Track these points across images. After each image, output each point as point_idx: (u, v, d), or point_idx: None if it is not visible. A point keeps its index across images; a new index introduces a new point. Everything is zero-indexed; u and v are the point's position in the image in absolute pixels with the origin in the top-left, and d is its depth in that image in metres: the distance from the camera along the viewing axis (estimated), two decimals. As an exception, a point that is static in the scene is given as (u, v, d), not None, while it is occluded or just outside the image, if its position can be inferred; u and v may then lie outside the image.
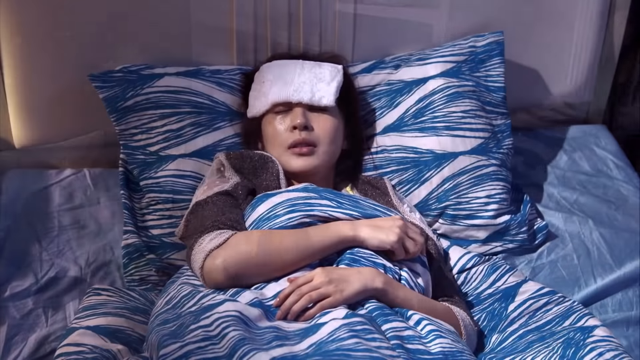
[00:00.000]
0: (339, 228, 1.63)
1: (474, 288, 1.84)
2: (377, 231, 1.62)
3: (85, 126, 2.08)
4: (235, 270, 1.57)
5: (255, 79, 1.93)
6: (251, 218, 1.68)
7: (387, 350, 1.42)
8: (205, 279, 1.59)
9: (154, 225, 1.91)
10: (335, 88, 1.86)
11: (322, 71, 1.88)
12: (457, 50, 2.08)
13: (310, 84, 1.84)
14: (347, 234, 1.62)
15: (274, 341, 1.41)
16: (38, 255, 1.88)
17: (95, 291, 1.75)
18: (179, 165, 1.92)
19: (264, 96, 1.87)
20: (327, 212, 1.67)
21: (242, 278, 1.57)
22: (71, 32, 1.99)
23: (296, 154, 1.80)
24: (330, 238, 1.62)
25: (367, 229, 1.63)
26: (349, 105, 1.94)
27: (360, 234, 1.62)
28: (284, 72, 1.87)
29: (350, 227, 1.63)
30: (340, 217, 1.67)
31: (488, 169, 1.97)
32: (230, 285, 1.57)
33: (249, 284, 1.58)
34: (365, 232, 1.62)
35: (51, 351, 1.67)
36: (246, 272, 1.57)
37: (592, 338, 1.58)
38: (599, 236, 2.00)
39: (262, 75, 1.91)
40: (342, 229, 1.63)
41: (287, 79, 1.86)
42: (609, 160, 2.23)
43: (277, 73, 1.88)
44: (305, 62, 1.90)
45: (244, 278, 1.57)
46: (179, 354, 1.39)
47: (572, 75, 2.29)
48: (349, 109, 1.93)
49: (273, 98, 1.85)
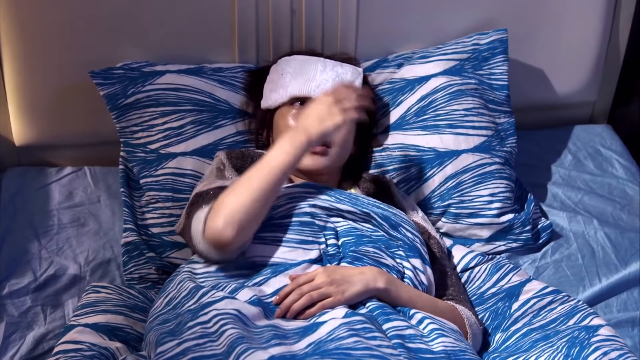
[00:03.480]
0: (292, 139, 1.61)
1: (477, 287, 1.83)
2: (322, 122, 1.61)
3: (85, 124, 2.07)
4: (234, 223, 1.53)
5: (272, 71, 1.92)
6: None
7: (388, 349, 1.40)
8: (212, 245, 1.56)
9: (154, 224, 1.89)
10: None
11: (344, 71, 1.86)
12: (460, 48, 2.07)
13: (332, 82, 1.83)
14: (301, 138, 1.61)
15: (273, 339, 1.40)
16: (37, 253, 1.87)
17: (94, 289, 1.74)
18: (179, 163, 1.90)
19: (282, 88, 1.85)
20: (328, 202, 1.66)
21: (244, 227, 1.55)
22: (72, 29, 1.98)
23: (309, 152, 1.79)
24: (286, 148, 1.60)
25: (314, 124, 1.62)
26: (368, 113, 1.91)
27: (310, 131, 1.61)
28: (305, 67, 1.86)
29: (300, 130, 1.62)
30: (341, 208, 1.66)
31: (491, 167, 1.95)
32: (238, 241, 1.54)
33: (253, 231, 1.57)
34: (314, 128, 1.61)
35: (49, 349, 1.66)
36: (242, 218, 1.54)
37: (596, 337, 1.56)
38: (603, 236, 1.98)
39: (282, 68, 1.89)
40: (296, 137, 1.61)
41: (310, 74, 1.84)
42: (614, 159, 2.22)
43: (299, 68, 1.87)
44: (327, 60, 1.89)
45: (245, 225, 1.55)
46: (176, 351, 1.37)
47: (576, 74, 2.27)
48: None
49: (293, 91, 1.83)
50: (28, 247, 1.88)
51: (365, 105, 1.67)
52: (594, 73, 2.28)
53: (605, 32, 2.24)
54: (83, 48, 2.00)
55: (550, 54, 2.22)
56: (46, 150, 2.10)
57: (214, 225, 1.55)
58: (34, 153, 2.10)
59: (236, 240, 1.55)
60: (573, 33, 2.22)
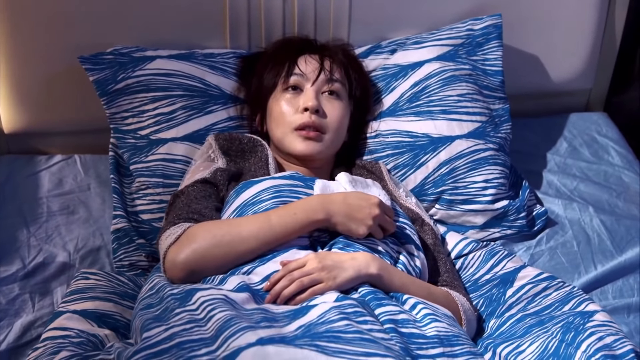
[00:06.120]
0: (308, 213, 1.56)
1: (471, 274, 1.80)
2: (349, 221, 1.57)
3: (75, 111, 2.05)
4: (192, 267, 1.53)
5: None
6: (235, 204, 1.64)
7: (380, 333, 1.38)
8: (167, 277, 1.55)
9: (144, 210, 1.87)
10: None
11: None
12: (454, 34, 2.05)
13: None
14: (318, 217, 1.56)
15: (262, 322, 1.37)
16: (26, 241, 1.84)
17: (83, 275, 1.72)
18: (170, 149, 1.88)
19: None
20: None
21: (202, 272, 1.54)
22: (61, 14, 1.95)
23: (303, 137, 1.77)
24: (300, 223, 1.56)
25: (339, 218, 1.57)
26: (362, 100, 1.91)
27: (332, 220, 1.57)
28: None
29: (322, 208, 1.57)
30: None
31: (485, 153, 1.93)
32: (193, 280, 1.53)
33: (211, 275, 1.54)
34: (337, 219, 1.57)
35: (37, 336, 1.63)
36: (204, 266, 1.53)
37: (592, 322, 1.54)
38: (599, 223, 1.96)
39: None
40: (314, 214, 1.56)
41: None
42: (610, 147, 2.20)
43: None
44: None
45: (204, 272, 1.54)
46: (163, 336, 1.35)
47: (572, 61, 2.25)
48: (360, 104, 1.91)
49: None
50: (17, 234, 1.85)
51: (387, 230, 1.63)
52: (589, 60, 2.26)
53: (601, 19, 2.22)
54: (73, 34, 1.98)
55: (545, 41, 2.20)
56: (36, 137, 2.07)
57: (174, 257, 1.54)
58: (24, 141, 2.07)
59: (186, 280, 1.53)
60: (568, 19, 2.20)
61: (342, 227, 1.58)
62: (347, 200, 1.59)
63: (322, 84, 1.82)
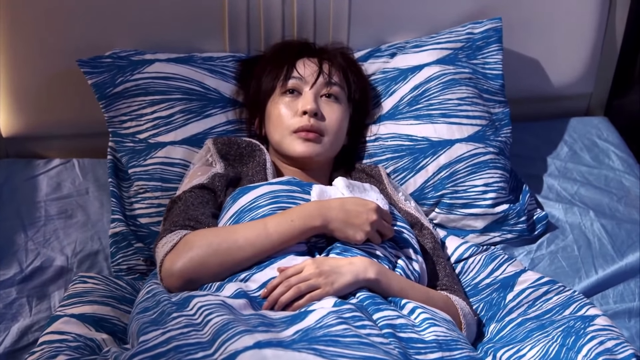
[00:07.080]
0: (305, 220, 1.55)
1: (471, 278, 1.79)
2: (347, 228, 1.56)
3: (74, 115, 2.04)
4: (189, 275, 1.52)
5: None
6: (232, 210, 1.63)
7: (378, 338, 1.37)
8: (164, 286, 1.54)
9: (143, 214, 1.87)
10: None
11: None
12: (454, 37, 2.04)
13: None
14: (315, 224, 1.55)
15: (260, 327, 1.36)
16: (23, 244, 1.84)
17: (81, 279, 1.71)
18: (168, 152, 1.88)
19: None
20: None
21: (199, 280, 1.53)
22: (60, 17, 1.95)
23: (302, 138, 1.76)
24: (297, 230, 1.55)
25: (337, 224, 1.56)
26: (361, 103, 1.91)
27: (329, 226, 1.56)
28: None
29: (319, 215, 1.56)
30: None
31: (485, 157, 1.92)
32: (190, 289, 1.52)
33: (208, 283, 1.53)
34: (335, 225, 1.56)
35: (34, 340, 1.62)
36: (201, 275, 1.53)
37: (592, 327, 1.53)
38: (600, 227, 1.95)
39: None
40: (311, 221, 1.55)
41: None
42: (611, 151, 2.19)
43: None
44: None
45: (201, 280, 1.53)
46: (160, 339, 1.34)
47: (572, 65, 2.25)
48: (359, 107, 1.90)
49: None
50: (14, 238, 1.85)
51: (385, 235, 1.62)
52: (590, 64, 2.25)
53: (602, 22, 2.21)
54: (71, 37, 1.97)
55: (545, 45, 2.20)
56: (34, 141, 2.07)
57: (170, 265, 1.53)
58: (22, 144, 2.07)
59: (183, 288, 1.52)
60: (569, 23, 2.19)
61: (340, 234, 1.57)
62: (344, 206, 1.58)
63: (320, 87, 1.81)
